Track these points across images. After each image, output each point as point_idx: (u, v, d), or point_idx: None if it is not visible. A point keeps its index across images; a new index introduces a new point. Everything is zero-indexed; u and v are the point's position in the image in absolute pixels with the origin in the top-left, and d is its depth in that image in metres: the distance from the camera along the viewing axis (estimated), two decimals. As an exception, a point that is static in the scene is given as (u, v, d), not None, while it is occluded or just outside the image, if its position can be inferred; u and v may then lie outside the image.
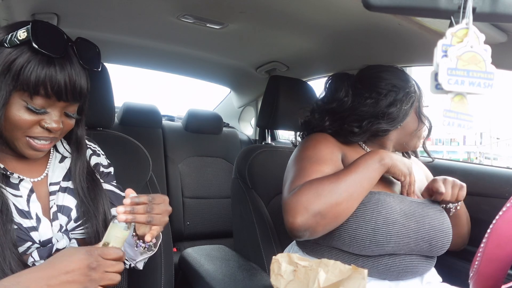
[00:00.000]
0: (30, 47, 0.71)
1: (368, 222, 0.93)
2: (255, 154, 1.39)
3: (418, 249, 0.97)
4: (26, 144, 0.76)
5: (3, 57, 0.71)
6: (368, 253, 0.95)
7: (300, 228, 0.90)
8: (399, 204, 0.97)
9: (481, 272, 0.65)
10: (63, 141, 0.92)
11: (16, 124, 0.73)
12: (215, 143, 2.34)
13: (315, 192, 0.91)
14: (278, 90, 1.54)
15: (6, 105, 0.72)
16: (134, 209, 0.73)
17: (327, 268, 0.71)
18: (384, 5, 0.56)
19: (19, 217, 0.77)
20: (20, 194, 0.79)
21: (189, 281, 1.23)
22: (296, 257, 0.77)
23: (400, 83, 1.08)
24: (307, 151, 1.07)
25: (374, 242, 0.92)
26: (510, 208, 0.64)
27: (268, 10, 1.27)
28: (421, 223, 0.97)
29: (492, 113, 29.15)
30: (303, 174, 1.00)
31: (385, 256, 0.96)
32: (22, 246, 0.76)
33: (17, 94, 0.72)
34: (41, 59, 0.71)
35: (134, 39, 1.74)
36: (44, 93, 0.72)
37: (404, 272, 0.98)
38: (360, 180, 0.94)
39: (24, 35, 0.71)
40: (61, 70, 0.73)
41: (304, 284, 0.73)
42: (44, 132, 0.76)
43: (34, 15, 1.33)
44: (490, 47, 0.53)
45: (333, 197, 0.90)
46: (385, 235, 0.92)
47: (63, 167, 0.89)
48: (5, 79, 0.71)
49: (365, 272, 0.68)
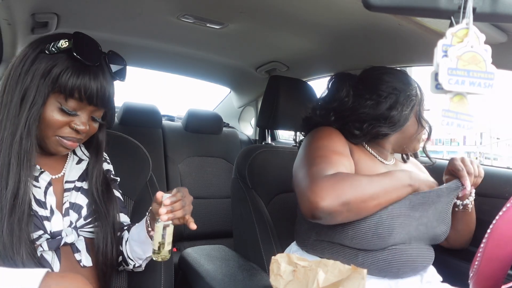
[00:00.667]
0: (69, 55, 0.80)
1: (373, 215, 0.93)
2: (255, 154, 1.39)
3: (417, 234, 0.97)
4: (56, 142, 0.84)
5: (44, 62, 0.80)
6: (370, 247, 0.95)
7: (324, 211, 0.90)
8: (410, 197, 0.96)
9: (481, 272, 0.65)
10: (81, 145, 0.99)
11: (48, 123, 0.81)
12: (215, 143, 2.34)
13: (350, 183, 0.92)
14: (278, 90, 1.54)
15: (43, 106, 0.80)
16: (173, 207, 0.81)
17: (327, 268, 0.71)
18: (384, 5, 0.56)
19: (36, 205, 0.84)
20: (39, 186, 0.86)
21: (189, 281, 1.23)
22: (295, 257, 0.77)
23: (402, 86, 1.08)
24: (322, 140, 1.06)
25: (376, 236, 0.93)
26: (510, 208, 0.64)
27: (268, 10, 1.27)
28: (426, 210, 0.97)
29: (492, 113, 29.17)
30: (327, 161, 0.99)
31: (385, 250, 0.96)
32: (35, 233, 0.82)
33: (53, 96, 0.81)
34: (78, 67, 0.80)
35: (134, 39, 1.74)
36: (78, 96, 0.81)
37: (404, 267, 0.97)
38: (390, 188, 0.94)
39: (66, 44, 0.81)
40: (95, 77, 0.82)
41: (304, 284, 0.73)
42: (72, 132, 0.84)
43: (34, 15, 1.33)
44: (490, 47, 0.53)
45: (365, 193, 0.91)
46: (387, 227, 0.92)
47: (79, 168, 0.96)
48: (45, 82, 0.80)
49: (364, 272, 0.68)
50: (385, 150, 1.14)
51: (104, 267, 0.91)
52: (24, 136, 0.79)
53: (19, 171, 0.79)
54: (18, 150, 0.79)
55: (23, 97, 0.80)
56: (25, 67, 0.81)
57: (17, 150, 0.79)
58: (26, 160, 0.80)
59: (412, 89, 1.09)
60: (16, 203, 0.77)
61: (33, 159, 0.81)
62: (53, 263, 0.84)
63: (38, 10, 1.32)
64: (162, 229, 0.82)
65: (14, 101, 0.80)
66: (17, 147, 0.79)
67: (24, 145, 0.79)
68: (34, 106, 0.79)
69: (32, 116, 0.79)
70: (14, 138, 0.79)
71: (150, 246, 0.91)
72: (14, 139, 0.79)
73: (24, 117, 0.79)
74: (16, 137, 0.79)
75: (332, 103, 1.13)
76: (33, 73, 0.80)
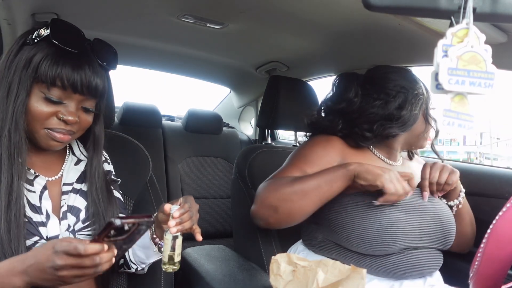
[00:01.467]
0: (49, 43, 0.78)
1: (373, 223, 0.93)
2: (255, 154, 1.39)
3: (425, 241, 0.97)
4: (46, 136, 0.81)
5: (25, 53, 0.79)
6: (376, 252, 0.95)
7: (254, 216, 1.02)
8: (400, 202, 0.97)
9: (481, 272, 0.65)
10: (80, 144, 0.96)
11: (34, 115, 0.78)
12: (215, 143, 2.34)
13: (273, 187, 0.98)
14: (278, 90, 1.54)
15: (27, 97, 0.78)
16: (182, 219, 0.79)
17: (326, 268, 0.71)
18: (384, 5, 0.56)
19: (30, 211, 0.81)
20: (34, 190, 0.83)
21: (189, 281, 1.23)
22: (295, 257, 0.77)
23: (408, 84, 1.07)
24: (303, 150, 1.10)
25: (381, 242, 0.93)
26: (510, 208, 0.64)
27: (268, 10, 1.27)
28: (424, 216, 0.97)
29: (493, 113, 29.15)
30: (285, 169, 1.05)
31: (393, 255, 0.96)
32: (30, 239, 0.79)
33: (36, 86, 0.78)
34: (59, 53, 0.77)
35: (134, 39, 1.74)
36: (60, 85, 0.77)
37: (411, 271, 0.97)
38: (319, 182, 0.95)
39: (44, 32, 0.78)
40: (77, 64, 0.78)
41: (303, 284, 0.73)
42: (61, 123, 0.80)
43: (34, 15, 1.33)
44: (490, 47, 0.53)
45: (287, 194, 0.95)
46: (391, 234, 0.92)
47: (78, 169, 0.93)
48: (26, 72, 0.77)
49: (363, 272, 0.68)
50: (393, 150, 1.14)
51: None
52: (12, 130, 0.77)
53: (10, 167, 0.77)
54: (7, 145, 0.77)
55: (8, 90, 0.78)
56: (9, 61, 0.80)
57: (6, 145, 0.77)
58: (17, 155, 0.78)
59: (419, 87, 1.09)
60: (11, 199, 0.76)
61: (23, 153, 0.79)
62: None
63: (38, 10, 1.32)
64: (171, 241, 0.81)
65: (0, 96, 0.78)
66: (6, 142, 0.77)
67: (13, 139, 0.77)
68: (19, 98, 0.77)
69: (18, 109, 0.77)
70: (3, 133, 0.77)
71: (154, 252, 0.90)
72: (2, 134, 0.77)
73: (10, 111, 0.77)
74: (4, 132, 0.77)
75: (340, 104, 1.12)
76: (15, 65, 0.78)
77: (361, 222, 0.95)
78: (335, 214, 1.01)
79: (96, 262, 0.63)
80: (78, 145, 0.96)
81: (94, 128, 0.91)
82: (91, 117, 0.86)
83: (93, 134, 0.92)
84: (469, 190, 1.06)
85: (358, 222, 0.95)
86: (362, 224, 0.94)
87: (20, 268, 0.66)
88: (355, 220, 0.96)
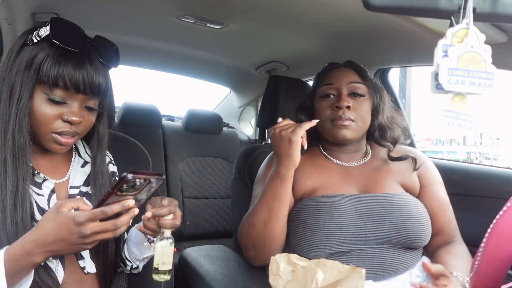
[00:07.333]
0: (50, 43, 0.77)
1: (321, 228, 0.95)
2: (255, 154, 1.39)
3: (374, 237, 0.96)
4: (52, 140, 0.80)
5: (26, 54, 0.78)
6: (324, 255, 0.95)
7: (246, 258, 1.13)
8: (355, 205, 0.98)
9: (481, 272, 0.65)
10: (85, 145, 0.96)
11: (40, 119, 0.78)
12: (215, 143, 2.34)
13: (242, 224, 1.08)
14: (278, 90, 1.54)
15: (31, 99, 0.77)
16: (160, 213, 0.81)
17: (326, 268, 0.71)
18: (384, 5, 0.56)
19: (39, 214, 0.81)
20: (42, 193, 0.83)
21: (189, 281, 1.23)
22: (294, 257, 0.77)
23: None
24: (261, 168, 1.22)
25: (328, 245, 0.95)
26: (510, 208, 0.64)
27: (268, 10, 1.27)
28: (383, 217, 0.97)
29: (493, 113, 29.08)
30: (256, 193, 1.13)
31: (346, 253, 0.96)
32: None
33: (39, 88, 0.77)
34: (60, 53, 0.77)
35: (134, 39, 1.74)
36: (63, 85, 0.77)
37: (380, 272, 0.96)
38: (268, 194, 1.00)
39: (44, 32, 0.77)
40: (79, 63, 0.77)
41: (303, 284, 0.73)
42: (66, 125, 0.80)
43: (34, 15, 1.33)
44: (490, 47, 0.53)
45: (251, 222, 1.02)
46: (338, 237, 0.94)
47: (84, 172, 0.92)
48: (28, 74, 0.77)
49: (363, 272, 0.68)
50: (341, 149, 1.12)
51: (105, 268, 0.90)
52: (16, 132, 0.77)
53: (15, 169, 0.76)
54: (12, 148, 0.76)
55: (11, 92, 0.77)
56: (10, 62, 0.79)
57: (11, 148, 0.76)
58: (22, 157, 0.77)
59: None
60: (17, 201, 0.75)
61: (28, 155, 0.78)
62: (57, 271, 0.82)
63: (38, 10, 1.32)
64: (162, 247, 0.81)
65: (3, 98, 0.78)
66: (11, 145, 0.76)
67: (17, 141, 0.77)
68: (22, 101, 0.76)
69: (21, 111, 0.76)
70: (7, 136, 0.77)
71: (148, 248, 0.91)
72: (6, 137, 0.77)
73: (14, 113, 0.76)
74: (8, 134, 0.77)
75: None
76: (17, 66, 0.77)
77: (309, 227, 0.97)
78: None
79: (118, 225, 0.69)
80: (84, 146, 0.96)
81: (98, 127, 0.91)
82: (94, 116, 0.86)
83: (97, 133, 0.92)
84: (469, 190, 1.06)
85: (305, 227, 0.97)
86: (309, 228, 0.97)
87: (39, 250, 0.68)
88: (304, 225, 0.99)
